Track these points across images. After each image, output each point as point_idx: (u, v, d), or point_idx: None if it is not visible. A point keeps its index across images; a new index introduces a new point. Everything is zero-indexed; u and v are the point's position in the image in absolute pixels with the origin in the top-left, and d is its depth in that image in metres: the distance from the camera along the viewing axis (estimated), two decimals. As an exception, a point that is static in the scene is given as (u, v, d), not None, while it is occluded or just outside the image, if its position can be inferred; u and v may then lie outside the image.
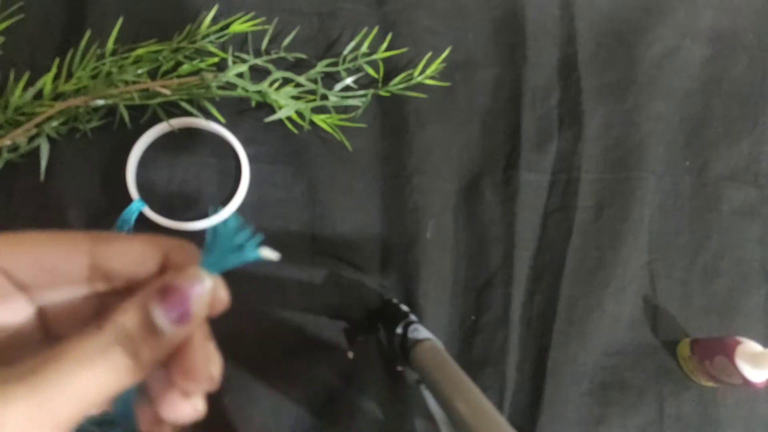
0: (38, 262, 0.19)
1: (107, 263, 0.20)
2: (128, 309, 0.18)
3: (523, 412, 0.55)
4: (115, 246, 0.20)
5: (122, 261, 0.20)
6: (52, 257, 0.19)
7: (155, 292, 0.19)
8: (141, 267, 0.20)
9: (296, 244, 0.54)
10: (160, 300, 0.19)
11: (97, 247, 0.20)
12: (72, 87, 0.51)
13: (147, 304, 0.19)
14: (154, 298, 0.19)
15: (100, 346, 0.17)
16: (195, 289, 0.19)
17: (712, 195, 0.62)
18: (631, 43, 0.64)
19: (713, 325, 0.60)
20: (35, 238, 0.20)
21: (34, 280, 0.19)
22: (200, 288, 0.19)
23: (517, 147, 0.58)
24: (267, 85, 0.53)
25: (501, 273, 0.56)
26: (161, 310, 0.18)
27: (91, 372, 0.17)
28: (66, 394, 0.16)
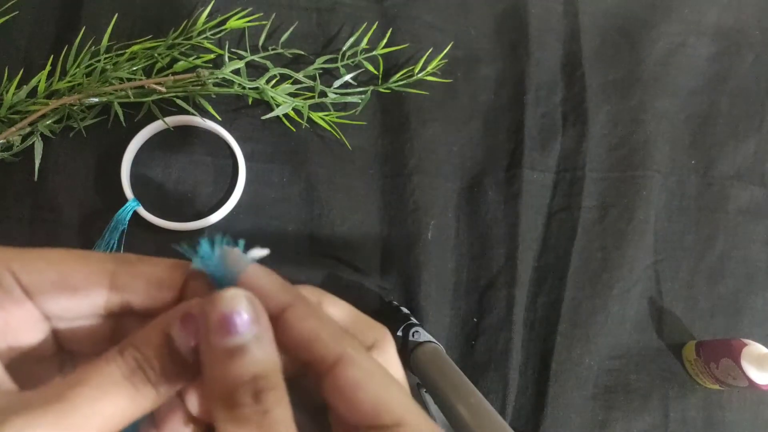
0: (59, 278, 0.19)
1: (128, 286, 0.19)
2: (149, 335, 0.18)
3: (526, 416, 0.54)
4: (137, 268, 0.20)
5: (143, 284, 0.20)
6: (74, 275, 0.19)
7: (177, 319, 0.18)
8: (161, 292, 0.20)
9: (294, 244, 0.54)
10: (182, 326, 0.18)
11: (119, 269, 0.19)
12: (66, 85, 0.51)
13: (168, 330, 0.18)
14: (176, 324, 0.18)
15: (123, 373, 0.17)
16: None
17: (718, 194, 0.61)
18: (635, 40, 0.63)
19: (719, 327, 0.59)
20: (56, 254, 0.19)
21: (52, 297, 0.19)
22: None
23: (521, 145, 0.58)
24: (264, 82, 0.53)
25: (504, 274, 0.55)
26: (183, 337, 0.18)
27: (115, 398, 0.17)
28: (92, 420, 0.16)
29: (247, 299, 0.18)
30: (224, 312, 0.18)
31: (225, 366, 0.17)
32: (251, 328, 0.18)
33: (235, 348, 0.17)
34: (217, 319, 0.18)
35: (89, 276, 0.19)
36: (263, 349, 0.18)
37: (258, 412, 0.17)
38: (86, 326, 0.20)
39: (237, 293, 0.18)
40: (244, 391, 0.17)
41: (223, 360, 0.17)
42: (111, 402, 0.17)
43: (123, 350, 0.18)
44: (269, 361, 0.18)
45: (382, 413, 0.18)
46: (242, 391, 0.17)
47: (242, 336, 0.18)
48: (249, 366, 0.17)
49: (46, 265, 0.19)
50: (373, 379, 0.19)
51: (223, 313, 0.18)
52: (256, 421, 0.17)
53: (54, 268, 0.19)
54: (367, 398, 0.18)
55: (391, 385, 0.19)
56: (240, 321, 0.18)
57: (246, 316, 0.18)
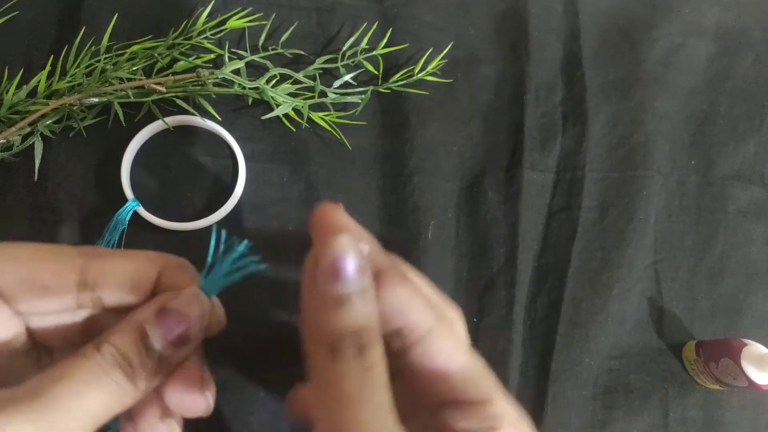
0: (28, 277, 0.19)
1: (99, 281, 0.19)
2: (125, 330, 0.18)
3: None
4: (107, 263, 0.19)
5: (115, 279, 0.19)
6: (43, 273, 0.19)
7: (152, 314, 0.18)
8: (134, 285, 0.20)
9: (294, 244, 0.54)
10: (157, 322, 0.18)
11: (89, 264, 0.19)
12: (66, 85, 0.51)
13: (144, 325, 0.18)
14: (151, 319, 0.18)
15: (102, 369, 0.17)
16: (193, 311, 0.19)
17: (719, 195, 0.61)
18: (635, 40, 0.63)
19: (719, 327, 0.59)
20: (25, 251, 0.19)
21: (22, 295, 0.19)
22: (198, 310, 0.19)
23: (521, 145, 0.58)
24: (264, 82, 0.53)
25: (504, 274, 0.55)
26: (158, 332, 0.18)
27: (97, 393, 0.17)
28: (74, 415, 0.16)
29: (357, 248, 0.18)
30: (337, 257, 0.17)
31: (332, 313, 0.17)
32: (360, 279, 0.18)
33: (344, 296, 0.17)
34: (330, 264, 0.17)
35: (59, 274, 0.19)
36: (368, 304, 0.18)
37: (361, 368, 0.17)
38: (60, 322, 0.20)
39: (349, 241, 0.18)
40: (349, 342, 0.17)
41: (331, 307, 0.17)
42: (93, 397, 0.17)
43: (99, 346, 0.18)
44: (372, 317, 0.18)
45: (471, 388, 0.18)
46: (347, 342, 0.17)
47: (351, 284, 0.17)
48: (355, 317, 0.17)
49: (13, 264, 0.19)
50: (464, 353, 0.19)
51: (335, 257, 0.17)
52: (357, 377, 0.17)
53: (23, 266, 0.19)
54: (458, 370, 0.18)
55: (479, 361, 0.19)
56: (350, 269, 0.18)
57: (357, 264, 0.18)
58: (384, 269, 0.19)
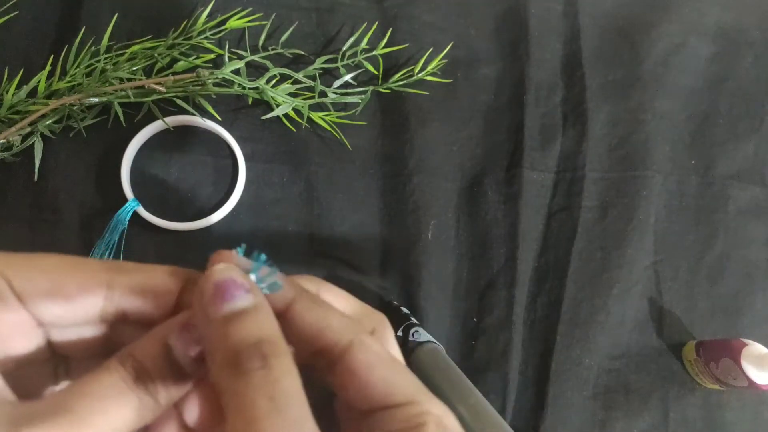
0: (52, 288, 0.19)
1: (122, 294, 0.19)
2: (148, 345, 0.18)
3: (526, 416, 0.54)
4: (131, 277, 0.19)
5: (138, 293, 0.19)
6: (67, 285, 0.19)
7: (176, 329, 0.18)
8: (157, 300, 0.20)
9: (294, 244, 0.54)
10: (181, 337, 0.18)
11: (113, 278, 0.19)
12: (66, 85, 0.51)
13: (167, 340, 0.18)
14: (175, 334, 0.18)
15: (126, 383, 0.17)
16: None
17: (718, 194, 0.61)
18: (635, 40, 0.63)
19: (719, 327, 0.59)
20: (51, 262, 0.19)
21: (46, 306, 0.18)
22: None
23: (521, 145, 0.58)
24: (264, 82, 0.52)
25: (504, 274, 0.55)
26: (182, 347, 0.18)
27: (122, 409, 0.17)
28: (99, 430, 0.16)
29: (239, 271, 0.18)
30: (218, 280, 0.18)
31: (226, 330, 0.17)
32: (247, 296, 0.18)
33: (233, 313, 0.17)
34: (212, 288, 0.17)
35: (83, 284, 0.19)
36: (263, 315, 0.18)
37: (269, 380, 0.16)
38: (81, 334, 0.20)
39: (228, 266, 0.18)
40: (250, 354, 0.16)
41: (223, 325, 0.17)
42: (117, 412, 0.16)
43: (123, 360, 0.17)
44: (271, 327, 0.17)
45: (395, 393, 0.18)
46: (247, 353, 0.16)
47: (239, 301, 0.17)
48: (251, 328, 0.17)
49: (39, 273, 0.19)
50: (383, 361, 0.19)
51: (216, 281, 0.18)
52: (266, 390, 0.16)
53: (48, 275, 0.19)
54: (379, 379, 0.18)
55: (400, 367, 0.19)
56: (234, 287, 0.18)
57: (240, 282, 0.18)
58: (294, 297, 0.19)
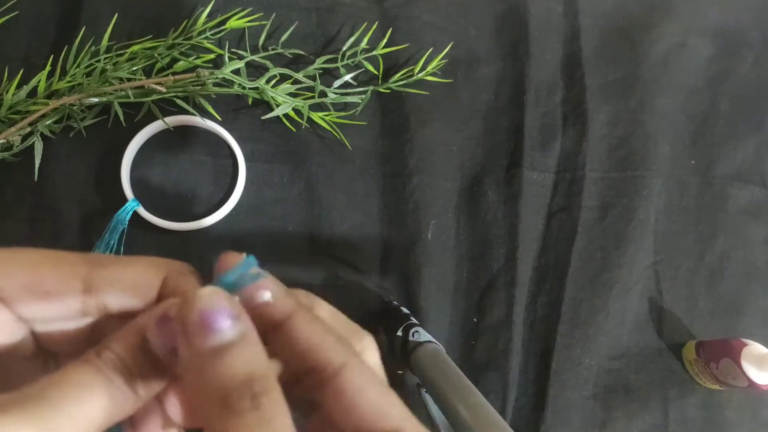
0: (31, 283, 0.18)
1: (102, 288, 0.19)
2: (125, 336, 0.18)
3: (526, 416, 0.54)
4: (110, 270, 0.19)
5: (118, 286, 0.19)
6: (46, 279, 0.18)
7: (153, 320, 0.18)
8: (138, 292, 0.19)
9: (294, 244, 0.54)
10: (158, 329, 0.17)
11: (93, 271, 0.19)
12: (66, 84, 0.51)
13: (144, 332, 0.18)
14: (152, 326, 0.18)
15: (103, 373, 0.17)
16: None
17: (718, 195, 0.61)
18: (635, 40, 0.63)
19: (719, 327, 0.59)
20: (28, 257, 0.19)
21: (25, 301, 0.18)
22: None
23: (521, 145, 0.58)
24: (264, 82, 0.52)
25: (504, 274, 0.55)
26: (159, 339, 0.17)
27: (97, 398, 0.16)
28: (75, 419, 0.16)
29: (226, 295, 0.17)
30: (203, 309, 0.16)
31: (214, 366, 0.16)
32: (234, 326, 0.17)
33: (221, 347, 0.16)
34: (197, 318, 0.16)
35: (62, 280, 0.18)
36: (252, 349, 0.17)
37: (261, 421, 0.15)
38: (65, 328, 0.19)
39: (215, 290, 0.17)
40: (241, 393, 0.16)
41: (211, 360, 0.16)
42: (94, 402, 0.16)
43: (100, 352, 0.17)
44: (261, 361, 0.17)
45: (383, 419, 0.18)
46: (238, 393, 0.16)
47: (226, 333, 0.16)
48: (240, 364, 0.16)
49: (17, 269, 0.18)
50: (374, 386, 0.18)
51: (201, 310, 0.16)
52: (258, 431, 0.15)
53: (25, 272, 0.18)
54: (369, 404, 0.18)
55: (391, 393, 0.19)
56: (222, 318, 0.17)
57: (227, 312, 0.17)
58: (290, 311, 0.19)
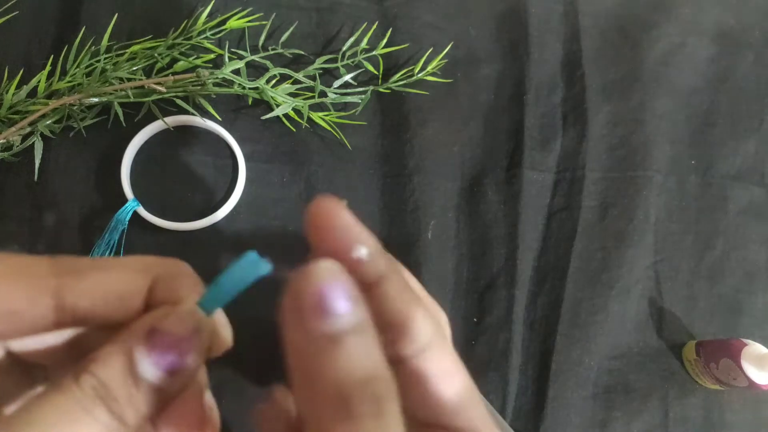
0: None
1: (77, 300, 0.16)
2: (109, 357, 0.15)
3: (526, 416, 0.54)
4: (86, 280, 0.16)
5: (95, 297, 0.16)
6: (11, 298, 0.16)
7: (141, 336, 0.15)
8: (120, 302, 0.17)
9: (294, 244, 0.54)
10: (147, 346, 0.15)
11: (65, 283, 0.16)
12: (66, 84, 0.51)
13: (131, 351, 0.15)
14: (140, 343, 0.15)
15: (81, 406, 0.14)
16: (189, 331, 0.16)
17: (718, 195, 0.61)
18: (636, 40, 0.63)
19: (719, 327, 0.59)
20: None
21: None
22: (196, 330, 0.16)
23: (521, 145, 0.58)
24: (264, 82, 0.52)
25: (504, 274, 0.55)
26: (149, 358, 0.15)
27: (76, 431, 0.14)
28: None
29: (344, 272, 0.15)
30: (322, 286, 0.14)
31: (333, 357, 0.14)
32: (353, 313, 0.14)
33: (338, 334, 0.14)
34: (316, 296, 0.14)
35: (28, 296, 0.16)
36: (372, 340, 0.14)
37: (380, 431, 0.13)
38: (43, 344, 0.17)
39: (333, 265, 0.15)
40: (362, 396, 0.13)
41: (328, 350, 0.14)
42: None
43: (79, 378, 0.15)
44: (381, 358, 0.14)
45: (461, 415, 0.16)
46: (359, 395, 0.13)
47: (344, 320, 0.14)
48: (362, 358, 0.14)
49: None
50: (459, 376, 0.16)
51: (320, 287, 0.14)
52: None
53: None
54: (451, 395, 0.16)
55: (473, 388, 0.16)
56: (341, 298, 0.14)
57: (346, 292, 0.14)
58: (384, 272, 0.16)
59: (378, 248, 0.17)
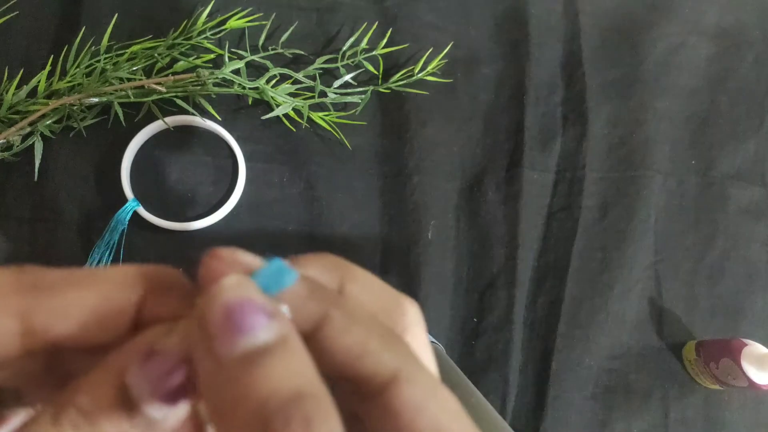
0: None
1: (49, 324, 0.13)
2: (95, 387, 0.13)
3: (526, 416, 0.54)
4: (59, 297, 0.13)
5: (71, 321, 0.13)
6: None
7: (136, 360, 0.13)
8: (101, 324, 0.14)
9: (294, 244, 0.54)
10: (144, 371, 0.12)
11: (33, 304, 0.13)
12: (66, 85, 0.51)
13: (122, 376, 0.12)
14: (135, 368, 0.12)
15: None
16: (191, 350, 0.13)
17: (718, 194, 0.61)
18: (635, 40, 0.63)
19: (719, 327, 0.59)
20: None
21: None
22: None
23: (521, 145, 0.58)
24: (264, 82, 0.52)
25: (504, 274, 0.55)
26: (145, 385, 0.12)
27: None
28: None
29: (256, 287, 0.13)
30: (229, 303, 0.12)
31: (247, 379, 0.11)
32: (271, 325, 0.12)
33: (254, 352, 0.12)
34: (221, 315, 0.12)
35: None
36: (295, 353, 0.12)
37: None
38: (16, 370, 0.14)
39: (241, 279, 0.13)
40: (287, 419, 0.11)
41: (243, 371, 0.12)
42: None
43: (58, 416, 0.12)
44: (308, 371, 0.12)
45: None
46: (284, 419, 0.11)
47: (261, 334, 0.12)
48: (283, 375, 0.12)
49: None
50: (435, 401, 0.14)
51: (226, 304, 0.12)
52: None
53: None
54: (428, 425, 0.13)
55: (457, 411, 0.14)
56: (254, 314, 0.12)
57: (260, 307, 0.12)
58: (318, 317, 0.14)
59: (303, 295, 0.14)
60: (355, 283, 0.16)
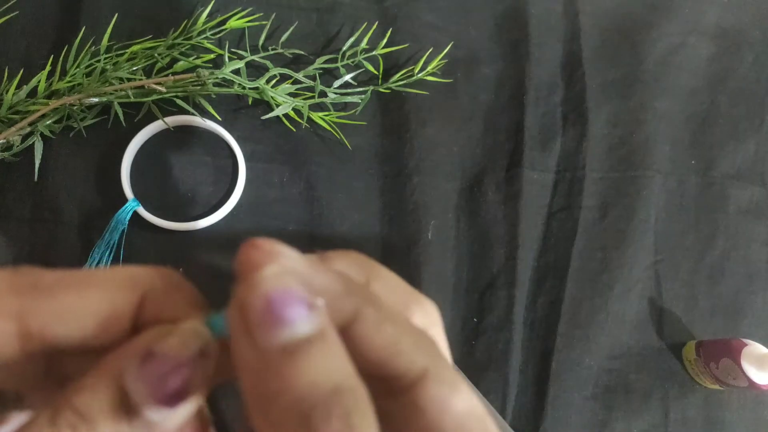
0: None
1: (47, 326, 0.13)
2: (93, 390, 0.13)
3: (526, 417, 0.54)
4: (56, 299, 0.13)
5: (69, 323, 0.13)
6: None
7: (134, 362, 0.13)
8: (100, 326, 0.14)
9: (294, 244, 0.53)
10: (142, 373, 0.12)
11: (30, 306, 0.13)
12: (66, 84, 0.51)
13: (120, 378, 0.13)
14: (133, 370, 0.13)
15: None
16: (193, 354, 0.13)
17: (719, 194, 0.61)
18: (635, 40, 0.63)
19: (719, 327, 0.59)
20: None
21: None
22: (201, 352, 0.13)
23: (521, 145, 0.58)
24: (264, 82, 0.52)
25: (504, 274, 0.55)
26: (143, 387, 0.12)
27: None
28: None
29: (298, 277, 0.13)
30: (271, 293, 0.12)
31: (290, 371, 0.12)
32: (311, 317, 0.12)
33: (295, 344, 0.12)
34: (263, 304, 0.12)
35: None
36: (334, 347, 0.12)
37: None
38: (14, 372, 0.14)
39: (283, 269, 0.13)
40: (327, 412, 0.11)
41: (285, 363, 0.12)
42: None
43: (56, 418, 0.12)
44: (346, 366, 0.12)
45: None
46: (324, 410, 0.11)
47: (302, 326, 0.12)
48: (323, 369, 0.12)
49: None
50: (460, 399, 0.14)
51: (268, 294, 0.12)
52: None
53: None
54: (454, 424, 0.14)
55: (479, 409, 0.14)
56: (295, 306, 0.12)
57: (302, 299, 0.12)
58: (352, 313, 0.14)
59: (340, 290, 0.14)
60: (379, 281, 0.16)
